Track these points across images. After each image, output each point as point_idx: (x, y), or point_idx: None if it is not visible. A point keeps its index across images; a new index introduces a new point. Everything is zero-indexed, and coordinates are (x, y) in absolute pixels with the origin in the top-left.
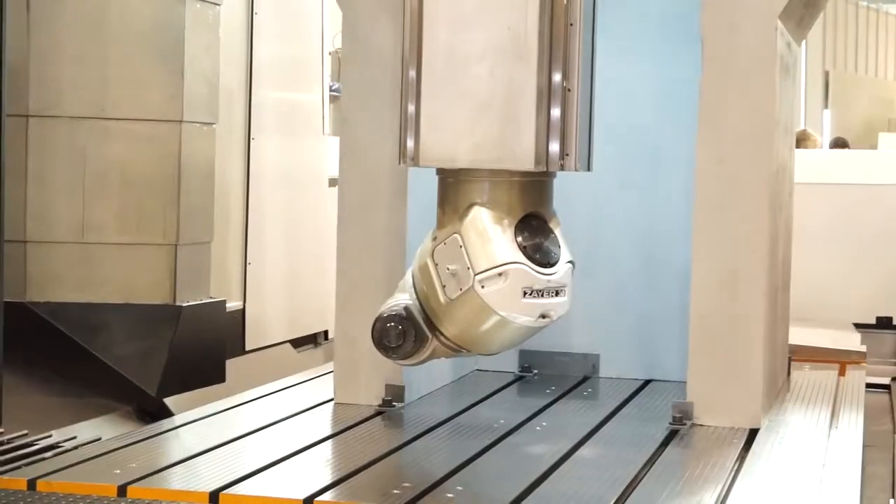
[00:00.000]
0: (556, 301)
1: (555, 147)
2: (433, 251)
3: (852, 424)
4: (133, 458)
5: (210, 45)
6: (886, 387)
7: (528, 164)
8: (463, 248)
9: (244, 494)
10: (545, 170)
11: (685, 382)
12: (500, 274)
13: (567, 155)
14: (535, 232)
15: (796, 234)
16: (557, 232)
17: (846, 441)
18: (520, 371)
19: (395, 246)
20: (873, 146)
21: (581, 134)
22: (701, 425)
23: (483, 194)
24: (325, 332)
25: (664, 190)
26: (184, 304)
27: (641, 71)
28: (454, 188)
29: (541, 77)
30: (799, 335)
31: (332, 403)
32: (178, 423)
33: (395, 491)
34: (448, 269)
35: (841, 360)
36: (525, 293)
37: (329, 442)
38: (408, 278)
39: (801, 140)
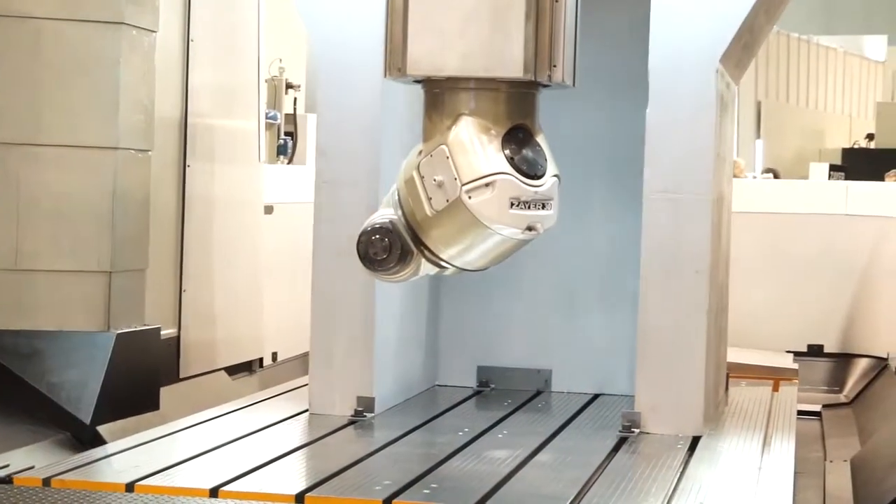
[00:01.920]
0: (542, 213)
1: (543, 57)
2: (419, 164)
3: (785, 439)
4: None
5: (145, 72)
6: (818, 414)
7: (516, 71)
8: (450, 160)
9: (241, 491)
10: (533, 79)
11: (632, 396)
12: (487, 184)
13: (555, 66)
14: (522, 144)
15: (730, 263)
16: (544, 145)
17: (779, 456)
18: (478, 386)
19: None
20: (804, 176)
21: (568, 47)
22: (648, 433)
23: (470, 104)
24: (261, 360)
25: (616, 214)
26: (118, 332)
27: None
28: (440, 99)
29: None
30: (736, 355)
31: (307, 414)
32: (171, 431)
33: (377, 487)
34: (434, 180)
35: (774, 377)
36: (512, 204)
37: (310, 447)
38: (392, 195)
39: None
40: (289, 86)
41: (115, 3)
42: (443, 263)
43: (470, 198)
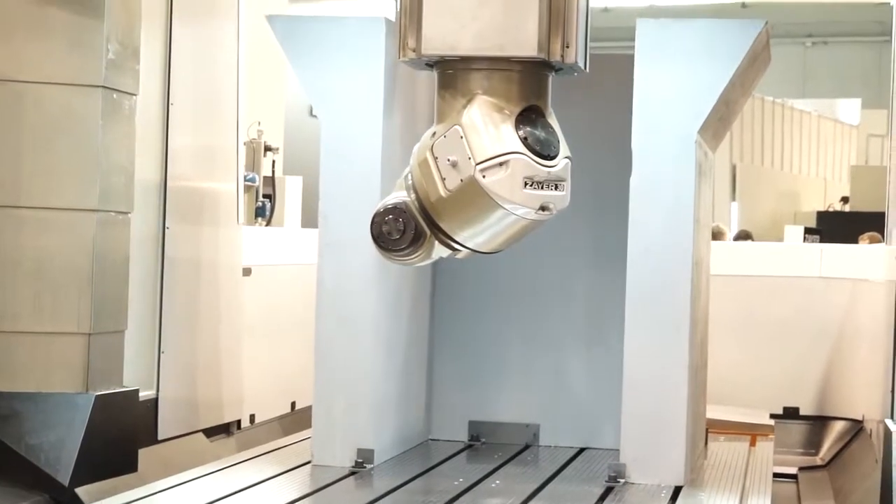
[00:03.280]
0: (555, 194)
1: (557, 36)
2: (433, 145)
3: (762, 492)
4: None
5: (126, 135)
6: (794, 476)
7: (530, 50)
8: (464, 139)
9: None
10: (547, 58)
11: (616, 450)
12: (501, 164)
13: (567, 47)
14: (535, 124)
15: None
16: (556, 127)
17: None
18: (469, 440)
19: (368, 328)
20: (780, 238)
21: (580, 29)
22: (633, 483)
23: (483, 84)
24: (238, 422)
25: (599, 275)
26: (97, 393)
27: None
28: (453, 79)
29: None
30: (714, 411)
31: (310, 465)
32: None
33: None
34: (448, 160)
35: (751, 432)
36: (526, 183)
37: (315, 495)
38: (405, 178)
39: (717, 234)
40: (267, 148)
41: (95, 67)
42: (455, 245)
43: (484, 177)
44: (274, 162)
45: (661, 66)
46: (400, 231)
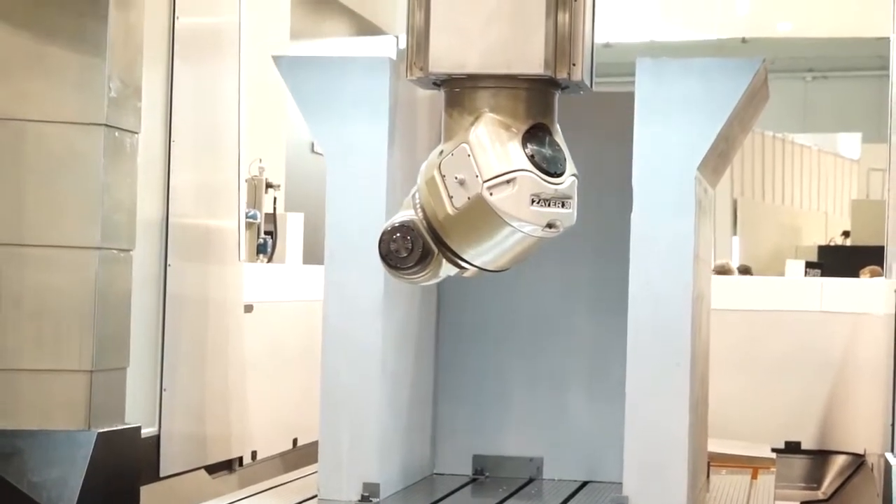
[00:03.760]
0: (562, 212)
1: (563, 54)
2: (440, 164)
3: None
4: None
5: (127, 173)
6: None
7: (537, 67)
8: (471, 157)
9: None
10: (553, 76)
11: (619, 483)
12: (508, 181)
13: (574, 64)
14: (541, 142)
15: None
16: (562, 145)
17: None
18: (473, 474)
19: (373, 363)
20: (781, 273)
21: (586, 47)
22: None
23: (491, 102)
24: (240, 459)
25: (602, 309)
26: (99, 431)
27: None
28: (460, 97)
29: None
30: (716, 445)
31: (316, 499)
32: None
33: None
34: (456, 178)
35: (753, 465)
36: (533, 201)
37: None
38: (412, 197)
39: (725, 271)
40: (269, 185)
41: (97, 105)
42: (462, 264)
43: (491, 194)
44: (275, 199)
45: (660, 105)
46: (408, 249)
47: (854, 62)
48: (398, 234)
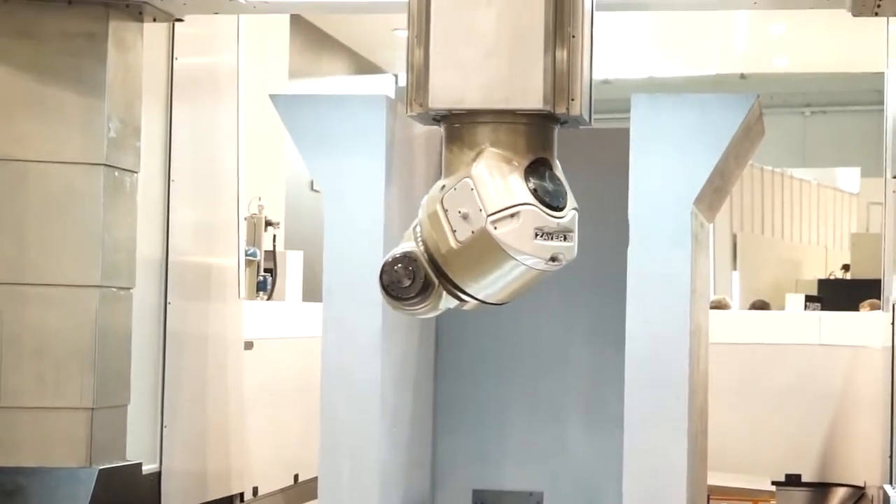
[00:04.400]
0: (565, 245)
1: (562, 89)
2: (443, 198)
3: None
4: None
5: (128, 212)
6: None
7: (536, 103)
8: (474, 191)
9: None
10: (552, 111)
11: None
12: (512, 215)
13: (573, 99)
14: (543, 176)
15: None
16: (562, 178)
17: None
18: None
19: (373, 399)
20: (781, 307)
21: (584, 83)
22: None
23: (491, 136)
24: (241, 495)
25: (599, 343)
26: (100, 467)
27: None
28: (460, 133)
29: (547, 21)
30: (716, 478)
31: None
32: None
33: None
34: (459, 212)
35: (753, 498)
36: (536, 234)
37: None
38: (413, 231)
39: (722, 306)
40: (268, 223)
41: (97, 146)
42: (464, 297)
43: (496, 228)
44: (275, 236)
45: (655, 141)
46: (410, 279)
47: (852, 97)
48: (400, 265)
